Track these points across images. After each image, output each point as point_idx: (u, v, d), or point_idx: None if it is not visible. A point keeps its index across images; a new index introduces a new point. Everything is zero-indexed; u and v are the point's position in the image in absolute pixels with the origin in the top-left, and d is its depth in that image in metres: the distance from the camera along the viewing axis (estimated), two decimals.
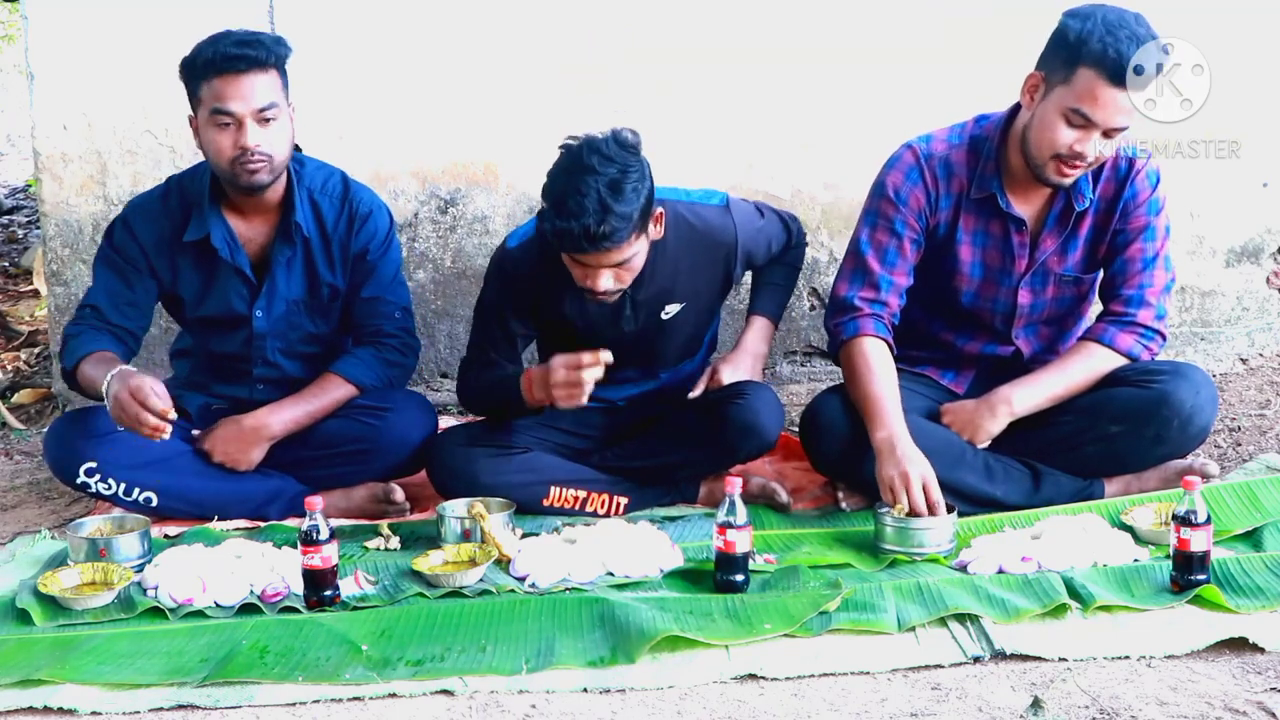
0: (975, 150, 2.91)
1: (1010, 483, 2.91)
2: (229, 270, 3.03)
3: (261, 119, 2.85)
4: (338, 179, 3.10)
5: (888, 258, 2.94)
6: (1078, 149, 2.70)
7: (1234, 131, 3.75)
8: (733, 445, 2.96)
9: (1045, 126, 2.73)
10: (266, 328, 3.08)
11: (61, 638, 2.39)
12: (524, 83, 3.76)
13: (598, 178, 2.59)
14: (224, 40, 2.85)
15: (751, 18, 3.79)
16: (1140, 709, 2.02)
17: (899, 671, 2.18)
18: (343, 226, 3.06)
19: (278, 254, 3.03)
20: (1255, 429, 3.52)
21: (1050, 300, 3.00)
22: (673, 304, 2.98)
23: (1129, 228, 2.90)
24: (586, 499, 3.01)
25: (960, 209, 2.93)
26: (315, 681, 2.18)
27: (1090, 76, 2.65)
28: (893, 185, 2.94)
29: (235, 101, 2.83)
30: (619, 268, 2.72)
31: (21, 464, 3.65)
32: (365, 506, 3.09)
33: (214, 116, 2.86)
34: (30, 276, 5.61)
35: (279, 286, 3.06)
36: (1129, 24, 2.65)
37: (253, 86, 2.84)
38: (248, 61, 2.83)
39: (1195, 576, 2.39)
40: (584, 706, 2.10)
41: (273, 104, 2.87)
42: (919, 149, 2.94)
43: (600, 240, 2.60)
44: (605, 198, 2.58)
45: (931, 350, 3.10)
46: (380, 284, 3.11)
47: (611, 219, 2.59)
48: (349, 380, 3.07)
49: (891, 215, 2.93)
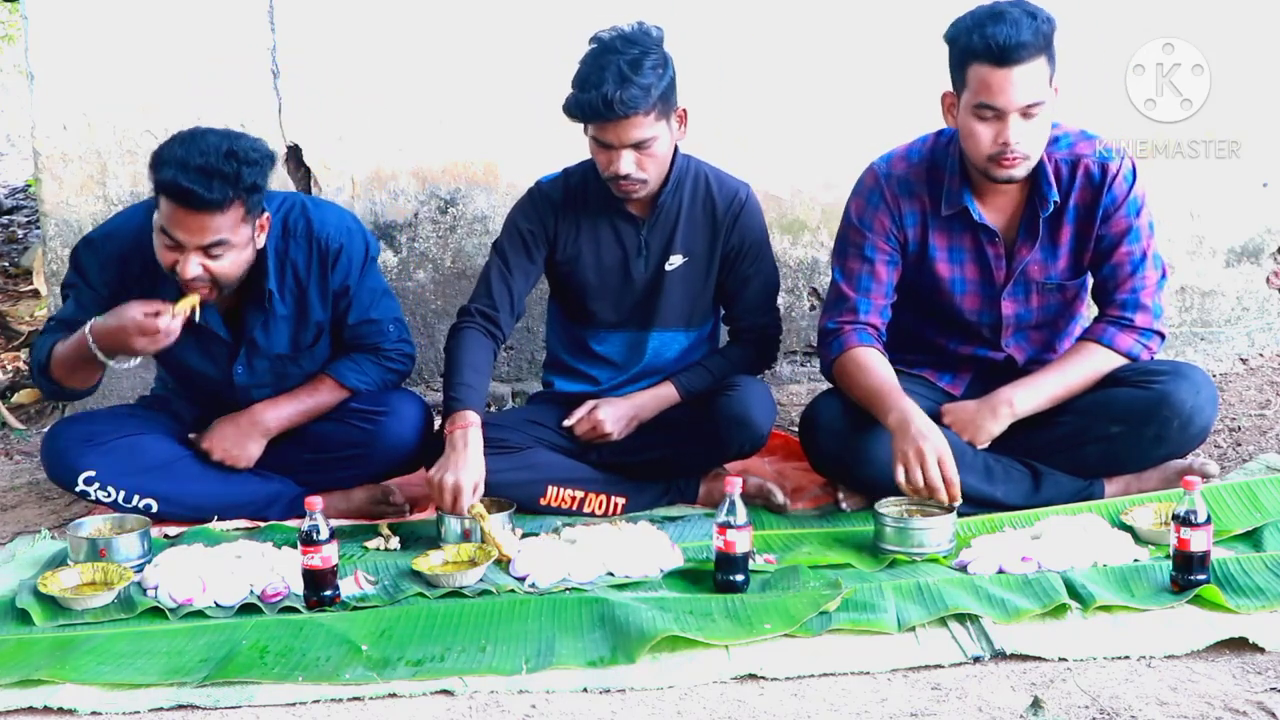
0: (937, 167, 2.92)
1: (1010, 483, 2.91)
2: (201, 329, 2.87)
3: (208, 254, 2.70)
4: (297, 213, 2.94)
5: (861, 283, 2.96)
6: (1001, 139, 2.73)
7: (1234, 131, 3.75)
8: (723, 438, 2.97)
9: (967, 134, 2.78)
10: (250, 380, 3.02)
11: (61, 638, 2.39)
12: (524, 83, 3.76)
13: (620, 56, 2.81)
14: (190, 162, 2.61)
15: (751, 18, 3.79)
16: (1140, 709, 2.02)
17: (899, 671, 2.18)
18: (315, 268, 2.94)
19: (251, 321, 2.93)
20: (1255, 429, 3.52)
21: (1037, 309, 3.00)
22: (676, 255, 3.06)
23: (1111, 232, 2.90)
24: (584, 499, 3.01)
25: (928, 227, 2.94)
26: (315, 681, 2.18)
27: (977, 70, 2.71)
28: (856, 211, 2.99)
29: (180, 233, 2.67)
30: (640, 150, 2.85)
31: (21, 464, 3.65)
32: (365, 507, 3.09)
33: (160, 231, 2.70)
34: (30, 276, 5.61)
35: (259, 346, 2.98)
36: (997, 10, 2.71)
37: (202, 225, 2.65)
38: (201, 202, 2.62)
39: (1195, 576, 2.39)
40: (584, 706, 2.10)
41: (221, 240, 2.69)
42: (878, 170, 2.98)
43: (619, 106, 2.77)
44: (625, 70, 2.79)
45: (927, 354, 3.10)
46: (363, 308, 3.03)
47: (631, 88, 2.77)
48: (343, 385, 3.06)
49: (860, 241, 2.96)
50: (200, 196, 2.62)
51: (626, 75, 2.78)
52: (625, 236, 3.05)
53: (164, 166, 2.64)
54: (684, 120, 2.97)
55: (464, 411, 2.85)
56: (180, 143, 2.68)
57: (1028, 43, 2.66)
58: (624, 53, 2.81)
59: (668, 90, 2.86)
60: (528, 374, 3.96)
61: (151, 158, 2.70)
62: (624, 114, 2.79)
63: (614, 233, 3.06)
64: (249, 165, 2.67)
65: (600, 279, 3.08)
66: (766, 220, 3.22)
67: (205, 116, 3.60)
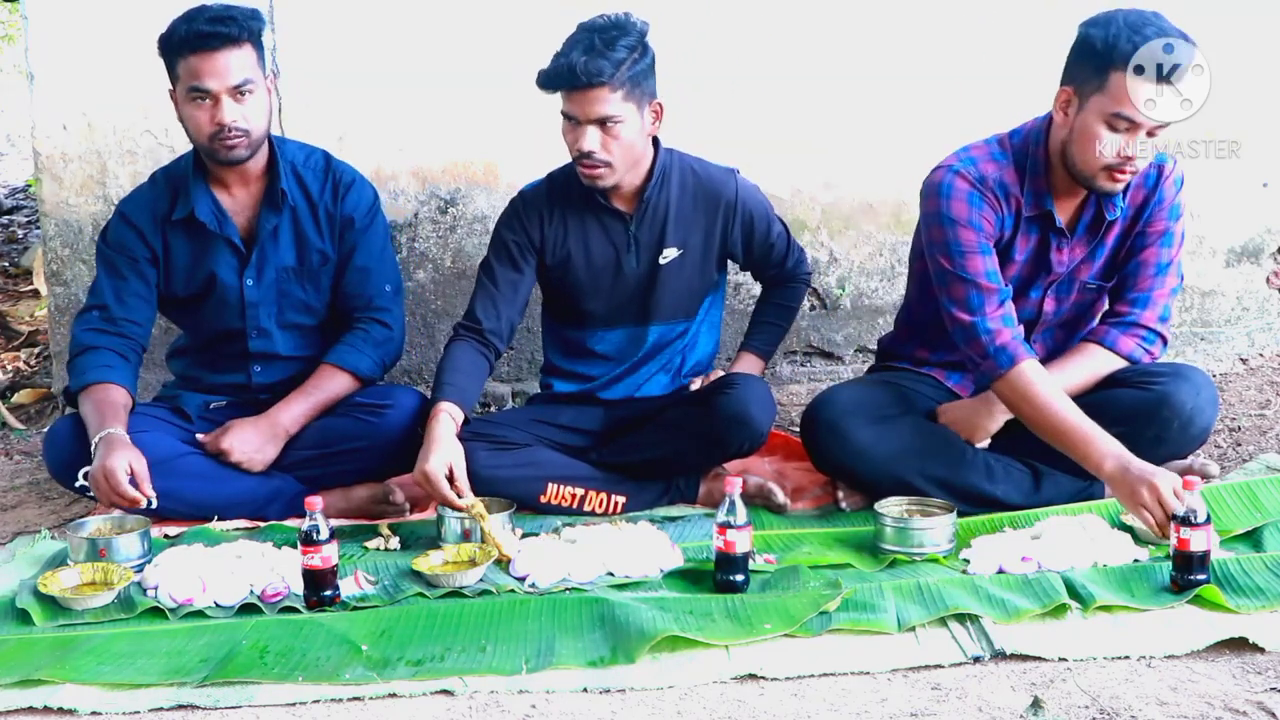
0: (1021, 168, 2.86)
1: (1010, 482, 2.91)
2: (218, 241, 3.07)
3: (237, 94, 2.90)
4: (319, 155, 3.17)
5: (990, 274, 2.83)
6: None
7: (1234, 131, 3.74)
8: (722, 437, 2.96)
9: (1090, 138, 2.69)
10: (258, 296, 3.11)
11: (61, 638, 2.39)
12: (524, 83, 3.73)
13: (596, 33, 2.82)
14: (198, 17, 2.89)
15: (751, 18, 3.79)
16: (1140, 709, 2.02)
17: (899, 671, 2.18)
18: (328, 194, 3.12)
19: (265, 222, 3.08)
20: (1255, 429, 3.53)
21: (1071, 306, 2.99)
22: (670, 248, 3.05)
23: (1149, 231, 2.89)
24: (584, 497, 3.01)
25: (1018, 228, 2.88)
26: (315, 681, 2.18)
27: (1123, 78, 2.64)
28: (961, 214, 2.82)
29: (210, 79, 2.88)
30: (605, 129, 2.83)
31: (21, 464, 3.65)
32: (365, 507, 3.09)
33: (191, 94, 2.91)
34: (30, 276, 5.61)
35: (268, 254, 3.10)
36: (1151, 21, 2.65)
37: (227, 63, 2.88)
38: (221, 39, 2.86)
39: (1195, 576, 2.39)
40: (584, 706, 2.10)
41: (248, 80, 2.91)
42: (969, 173, 2.84)
43: (585, 73, 2.77)
44: (596, 43, 2.80)
45: (942, 353, 3.08)
46: (370, 253, 3.15)
47: (598, 59, 2.77)
48: (344, 368, 3.09)
49: (974, 240, 2.83)
50: (220, 34, 2.86)
51: (597, 47, 2.79)
52: (614, 233, 3.05)
53: (176, 29, 2.90)
54: (659, 115, 2.94)
55: (439, 403, 2.87)
56: (183, 16, 2.92)
57: (1183, 66, 2.62)
58: (601, 31, 2.82)
59: (641, 75, 2.84)
60: (528, 374, 3.96)
61: (159, 41, 2.93)
62: (588, 82, 2.78)
63: (602, 230, 3.06)
64: (248, 14, 2.93)
65: (592, 278, 3.08)
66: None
67: None
